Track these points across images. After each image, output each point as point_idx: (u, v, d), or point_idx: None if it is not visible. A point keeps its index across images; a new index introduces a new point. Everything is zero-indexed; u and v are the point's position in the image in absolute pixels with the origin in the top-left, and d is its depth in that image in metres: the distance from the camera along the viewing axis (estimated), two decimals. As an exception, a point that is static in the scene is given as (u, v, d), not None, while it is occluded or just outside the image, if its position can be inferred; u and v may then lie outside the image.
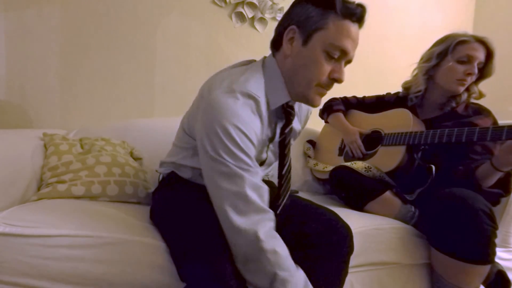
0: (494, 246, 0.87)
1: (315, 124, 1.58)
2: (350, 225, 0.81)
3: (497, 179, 0.98)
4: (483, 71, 1.12)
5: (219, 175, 0.66)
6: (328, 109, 1.47)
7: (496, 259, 0.92)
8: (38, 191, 0.95)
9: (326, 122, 1.53)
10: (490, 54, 1.10)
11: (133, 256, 0.73)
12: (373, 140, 1.31)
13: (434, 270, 0.99)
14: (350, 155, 1.34)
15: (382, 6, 2.04)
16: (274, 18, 1.73)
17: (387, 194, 1.09)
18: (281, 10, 1.72)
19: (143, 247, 0.74)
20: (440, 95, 1.18)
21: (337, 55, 0.70)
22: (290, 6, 0.75)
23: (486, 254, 0.87)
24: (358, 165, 1.16)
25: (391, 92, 1.39)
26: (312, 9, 0.70)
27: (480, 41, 1.09)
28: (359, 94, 1.48)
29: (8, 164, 0.90)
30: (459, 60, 1.10)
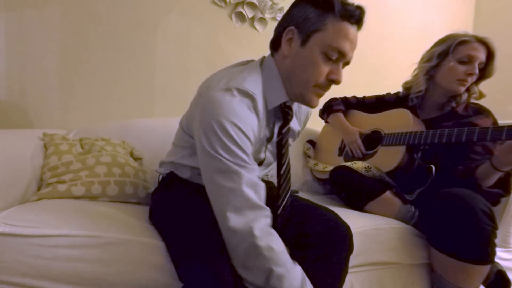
0: (494, 246, 0.87)
1: (315, 124, 1.58)
2: (350, 225, 0.82)
3: (497, 179, 0.98)
4: (484, 71, 1.12)
5: (215, 172, 0.66)
6: (328, 109, 1.47)
7: (496, 259, 0.92)
8: (38, 191, 0.95)
9: (326, 122, 1.53)
10: (491, 54, 1.10)
11: (133, 256, 0.73)
12: (373, 140, 1.31)
13: (434, 270, 0.99)
14: (350, 155, 1.34)
15: (382, 6, 2.04)
16: (274, 18, 1.73)
17: (387, 194, 1.09)
18: (281, 10, 1.72)
19: (143, 247, 0.74)
20: (441, 95, 1.18)
21: (335, 57, 0.70)
22: (290, 7, 0.75)
23: (486, 254, 0.87)
24: (358, 165, 1.17)
25: (391, 92, 1.39)
26: (311, 10, 0.70)
27: (481, 41, 1.09)
28: (359, 94, 1.48)
29: (8, 164, 0.90)
30: (460, 60, 1.10)
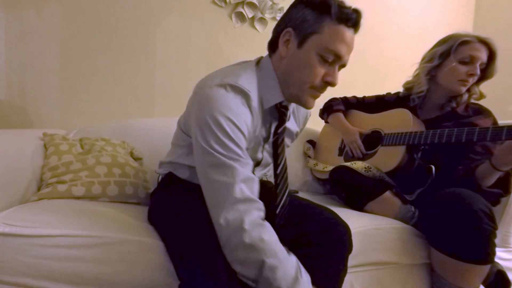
0: (493, 246, 0.87)
1: (315, 124, 1.58)
2: (350, 225, 0.82)
3: (497, 179, 0.98)
4: (485, 72, 1.12)
5: (209, 167, 0.67)
6: (328, 109, 1.47)
7: (496, 259, 0.92)
8: (38, 191, 0.95)
9: (326, 122, 1.53)
10: (492, 55, 1.10)
11: (133, 256, 0.73)
12: (373, 140, 1.31)
13: (434, 270, 0.99)
14: (350, 155, 1.34)
15: (383, 6, 2.04)
16: (274, 18, 1.73)
17: (387, 194, 1.09)
18: (281, 10, 1.71)
19: (142, 246, 0.74)
20: (442, 96, 1.18)
21: (331, 59, 0.71)
22: (288, 8, 0.76)
23: (485, 254, 0.87)
24: (358, 165, 1.17)
25: (391, 92, 1.39)
26: (308, 13, 0.71)
27: (483, 41, 1.09)
28: (359, 94, 1.48)
29: (8, 164, 0.90)
30: (461, 60, 1.10)
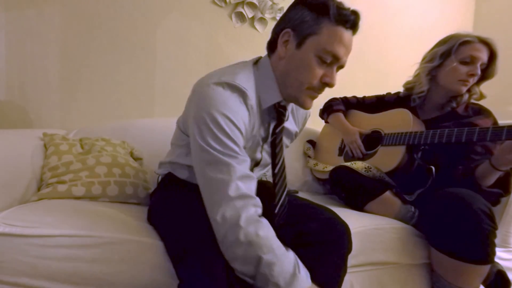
0: (493, 246, 0.87)
1: (315, 124, 1.58)
2: (350, 225, 0.82)
3: (497, 179, 0.98)
4: (486, 72, 1.12)
5: (206, 164, 0.67)
6: (328, 109, 1.47)
7: (496, 259, 0.92)
8: (38, 191, 0.95)
9: (326, 122, 1.53)
10: (493, 55, 1.09)
11: (133, 256, 0.73)
12: (373, 140, 1.31)
13: (434, 270, 0.99)
14: (350, 155, 1.34)
15: (382, 6, 2.04)
16: (274, 18, 1.73)
17: (387, 194, 1.09)
18: (281, 10, 1.71)
19: (142, 246, 0.74)
20: (442, 96, 1.18)
21: (329, 60, 0.71)
22: (287, 9, 0.76)
23: (485, 254, 0.87)
24: (358, 165, 1.16)
25: (391, 92, 1.39)
26: (307, 14, 0.71)
27: (484, 42, 1.08)
28: (359, 94, 1.48)
29: (8, 164, 0.90)
30: (462, 60, 1.10)
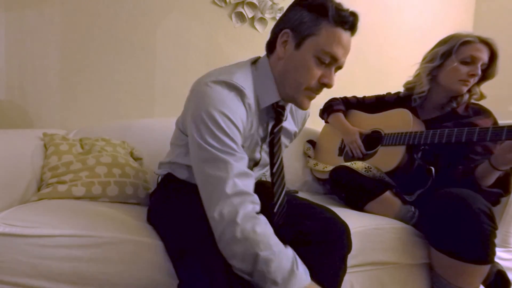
0: (493, 246, 0.87)
1: (315, 124, 1.58)
2: (349, 225, 0.81)
3: (497, 179, 0.98)
4: (486, 72, 1.12)
5: (204, 162, 0.67)
6: (328, 109, 1.47)
7: (496, 259, 0.92)
8: (38, 191, 0.95)
9: (326, 122, 1.53)
10: (493, 55, 1.09)
11: (132, 256, 0.73)
12: (373, 140, 1.31)
13: (434, 270, 0.99)
14: (350, 155, 1.34)
15: (382, 6, 2.04)
16: (274, 18, 1.73)
17: (387, 194, 1.09)
18: (281, 10, 1.71)
19: (142, 246, 0.74)
20: (443, 96, 1.18)
21: (328, 61, 0.72)
22: (286, 9, 0.77)
23: (485, 254, 0.87)
24: (358, 165, 1.16)
25: (391, 92, 1.39)
26: (306, 14, 0.72)
27: (485, 42, 1.08)
28: (359, 94, 1.48)
29: (8, 164, 0.90)
30: (462, 60, 1.09)
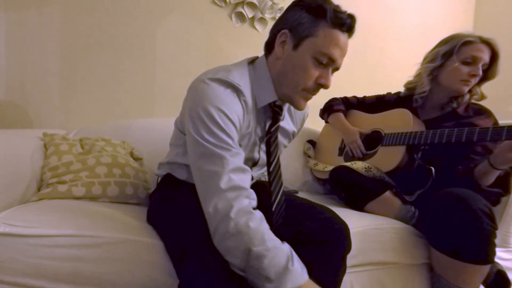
0: (493, 246, 0.87)
1: (315, 124, 1.58)
2: (349, 225, 0.81)
3: (497, 179, 0.98)
4: (487, 72, 1.12)
5: (200, 157, 0.67)
6: (328, 109, 1.47)
7: (496, 259, 0.92)
8: (39, 192, 0.95)
9: (326, 122, 1.53)
10: (495, 55, 1.09)
11: (132, 256, 0.73)
12: (373, 140, 1.31)
13: (434, 270, 0.99)
14: (350, 155, 1.34)
15: (382, 5, 2.03)
16: (274, 18, 1.73)
17: (387, 194, 1.09)
18: (281, 10, 1.71)
19: (142, 246, 0.74)
20: (443, 96, 1.18)
21: (325, 62, 0.73)
22: (285, 10, 0.77)
23: (485, 254, 0.87)
24: (358, 165, 1.16)
25: (391, 92, 1.39)
26: (304, 16, 0.72)
27: (486, 42, 1.08)
28: (359, 94, 1.48)
29: (8, 164, 0.90)
30: (463, 61, 1.09)
